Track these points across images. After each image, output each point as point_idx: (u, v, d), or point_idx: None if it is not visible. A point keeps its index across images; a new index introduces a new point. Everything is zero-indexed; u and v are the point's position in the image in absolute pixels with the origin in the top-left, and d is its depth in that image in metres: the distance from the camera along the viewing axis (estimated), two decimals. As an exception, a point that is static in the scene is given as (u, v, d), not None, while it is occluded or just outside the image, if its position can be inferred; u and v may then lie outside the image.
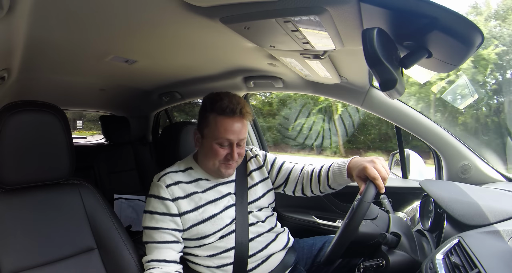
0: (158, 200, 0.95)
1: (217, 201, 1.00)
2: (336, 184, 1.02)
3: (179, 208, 0.95)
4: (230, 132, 0.93)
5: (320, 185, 1.06)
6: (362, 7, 0.60)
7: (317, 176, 1.06)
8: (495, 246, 0.69)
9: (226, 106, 0.92)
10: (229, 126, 0.92)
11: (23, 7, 0.68)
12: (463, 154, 1.20)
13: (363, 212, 0.81)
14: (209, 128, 0.95)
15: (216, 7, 0.70)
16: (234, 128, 0.93)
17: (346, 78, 1.18)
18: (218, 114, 0.93)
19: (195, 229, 0.95)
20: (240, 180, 1.07)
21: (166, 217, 0.94)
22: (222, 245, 0.97)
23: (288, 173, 1.12)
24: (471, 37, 0.58)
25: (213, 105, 0.94)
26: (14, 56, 1.03)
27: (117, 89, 1.83)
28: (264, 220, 1.06)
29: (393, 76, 0.58)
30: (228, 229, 0.98)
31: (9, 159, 0.83)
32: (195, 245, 0.97)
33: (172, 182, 0.97)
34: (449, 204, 0.87)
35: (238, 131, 0.94)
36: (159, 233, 0.93)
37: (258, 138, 1.87)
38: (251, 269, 0.99)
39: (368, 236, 0.88)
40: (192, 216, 0.95)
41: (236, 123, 0.93)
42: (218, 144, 0.94)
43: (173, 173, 1.00)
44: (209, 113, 0.95)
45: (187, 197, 0.97)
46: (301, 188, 1.11)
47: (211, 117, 0.94)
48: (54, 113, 0.89)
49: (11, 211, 0.85)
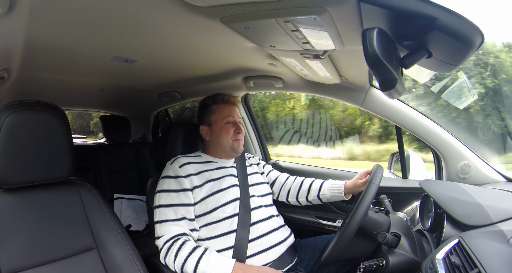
0: (172, 179, 1.08)
1: (223, 178, 1.14)
2: (329, 194, 1.21)
3: (192, 182, 1.08)
4: (232, 113, 1.22)
5: (309, 194, 1.26)
6: (362, 7, 0.59)
7: (308, 186, 1.27)
8: (495, 246, 0.69)
9: (223, 98, 1.25)
10: (229, 109, 1.23)
11: (23, 7, 0.68)
12: (463, 154, 1.20)
13: (371, 194, 0.86)
14: (216, 114, 1.22)
15: (216, 7, 0.70)
16: (232, 110, 1.23)
17: (346, 78, 1.18)
18: (219, 103, 1.24)
19: (204, 202, 1.06)
20: (240, 165, 1.24)
21: (180, 193, 1.05)
22: (226, 225, 1.04)
23: (274, 179, 1.34)
24: (471, 37, 0.58)
25: (215, 99, 1.24)
26: (14, 56, 1.03)
27: (117, 89, 1.83)
28: (267, 205, 1.17)
29: (393, 76, 0.58)
30: (232, 207, 1.06)
31: (9, 158, 0.83)
32: (202, 223, 1.05)
33: (184, 162, 1.12)
34: (449, 204, 0.87)
35: (236, 114, 1.24)
36: (174, 209, 1.03)
37: (258, 138, 1.87)
38: (250, 256, 1.01)
39: (375, 223, 0.90)
40: (202, 190, 1.07)
41: (231, 107, 1.25)
42: (227, 122, 1.20)
43: (184, 157, 1.16)
44: (211, 105, 1.24)
45: (198, 174, 1.11)
46: (286, 194, 1.31)
47: (215, 107, 1.23)
48: (54, 113, 0.89)
49: (10, 211, 0.85)
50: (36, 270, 0.83)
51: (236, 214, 1.06)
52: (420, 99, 2.44)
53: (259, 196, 1.17)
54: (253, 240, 1.04)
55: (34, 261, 0.83)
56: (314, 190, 1.24)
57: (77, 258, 0.89)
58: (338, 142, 4.20)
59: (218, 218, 1.05)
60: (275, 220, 1.13)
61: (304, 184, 1.28)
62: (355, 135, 4.15)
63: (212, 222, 1.04)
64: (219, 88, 1.48)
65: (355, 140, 4.15)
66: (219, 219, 1.05)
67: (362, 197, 0.87)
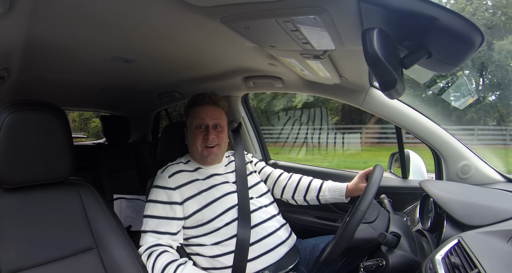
0: (160, 190, 1.04)
1: (216, 187, 1.08)
2: (329, 195, 1.18)
3: (182, 195, 1.04)
4: (203, 114, 1.11)
5: (307, 194, 1.22)
6: (362, 7, 0.59)
7: (306, 185, 1.23)
8: (495, 246, 0.69)
9: (199, 97, 1.15)
10: (202, 111, 1.12)
11: (23, 7, 0.68)
12: (463, 154, 1.20)
13: (373, 193, 0.86)
14: (189, 118, 1.15)
15: (216, 7, 0.70)
16: (206, 111, 1.12)
17: (346, 78, 1.18)
18: (193, 105, 1.15)
19: (199, 213, 1.03)
20: (240, 169, 1.18)
21: (166, 205, 1.02)
22: (226, 232, 1.02)
23: (267, 176, 1.29)
24: (471, 37, 0.58)
25: (194, 100, 1.16)
26: (14, 56, 1.03)
27: (117, 89, 1.83)
28: (268, 205, 1.14)
29: (393, 77, 0.58)
30: (231, 215, 1.04)
31: (9, 158, 0.83)
32: (202, 232, 1.02)
33: (174, 171, 1.07)
34: (449, 204, 0.87)
35: (210, 115, 1.11)
36: (159, 221, 1.01)
37: (258, 138, 1.87)
38: (251, 259, 1.00)
39: (365, 241, 0.89)
40: (195, 201, 1.04)
41: (208, 108, 1.13)
42: (196, 126, 1.11)
43: (175, 165, 1.11)
44: (189, 107, 1.17)
45: (189, 183, 1.06)
46: (281, 191, 1.26)
47: (190, 109, 1.16)
48: (54, 113, 0.89)
49: (10, 211, 0.85)
50: (36, 270, 0.82)
51: (235, 219, 1.03)
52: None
53: (258, 196, 1.14)
54: (255, 243, 1.02)
55: (34, 261, 0.83)
56: (313, 190, 1.20)
57: (77, 258, 0.89)
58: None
59: (216, 227, 1.02)
60: (276, 220, 1.11)
61: (301, 182, 1.24)
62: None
63: (211, 231, 1.02)
64: (219, 88, 1.48)
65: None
66: (217, 227, 1.02)
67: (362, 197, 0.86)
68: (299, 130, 7.92)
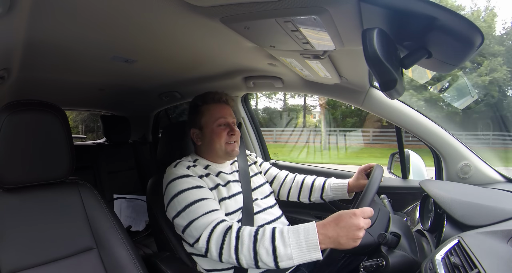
0: (188, 178, 0.98)
1: (228, 184, 1.06)
2: (332, 194, 1.19)
3: (207, 183, 1.01)
4: (224, 113, 1.10)
5: (311, 195, 1.23)
6: (362, 7, 0.59)
7: (309, 185, 1.23)
8: (495, 246, 0.69)
9: (214, 96, 1.12)
10: (221, 109, 1.11)
11: (23, 7, 0.68)
12: (463, 154, 1.20)
13: (371, 195, 0.87)
14: (206, 117, 1.10)
15: (216, 7, 0.70)
16: (225, 109, 1.11)
17: (346, 78, 1.18)
18: (210, 103, 1.11)
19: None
20: (243, 170, 1.17)
21: (201, 189, 0.97)
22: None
23: (273, 177, 1.30)
24: (471, 37, 0.58)
25: (205, 99, 1.12)
26: (14, 56, 1.03)
27: (117, 89, 1.83)
28: (272, 206, 1.13)
29: (393, 77, 0.58)
30: (237, 216, 1.02)
31: (9, 158, 0.83)
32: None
33: (189, 165, 1.04)
34: (449, 204, 0.87)
35: (229, 114, 1.11)
36: (202, 203, 0.92)
37: (258, 138, 1.87)
38: None
39: (362, 247, 0.88)
40: (214, 193, 1.00)
41: (224, 106, 1.12)
42: (218, 124, 1.08)
43: (185, 161, 1.07)
44: (201, 106, 1.12)
45: (206, 176, 1.04)
46: (287, 194, 1.27)
47: (204, 108, 1.11)
48: (54, 113, 0.89)
49: (10, 211, 0.85)
50: (36, 270, 0.82)
51: (239, 220, 1.01)
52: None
53: (263, 198, 1.14)
54: None
55: (34, 261, 0.83)
56: (317, 191, 1.21)
57: (77, 258, 0.89)
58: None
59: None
60: (280, 222, 1.10)
61: (305, 183, 1.25)
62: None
63: None
64: (219, 88, 1.47)
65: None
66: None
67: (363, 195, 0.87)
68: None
